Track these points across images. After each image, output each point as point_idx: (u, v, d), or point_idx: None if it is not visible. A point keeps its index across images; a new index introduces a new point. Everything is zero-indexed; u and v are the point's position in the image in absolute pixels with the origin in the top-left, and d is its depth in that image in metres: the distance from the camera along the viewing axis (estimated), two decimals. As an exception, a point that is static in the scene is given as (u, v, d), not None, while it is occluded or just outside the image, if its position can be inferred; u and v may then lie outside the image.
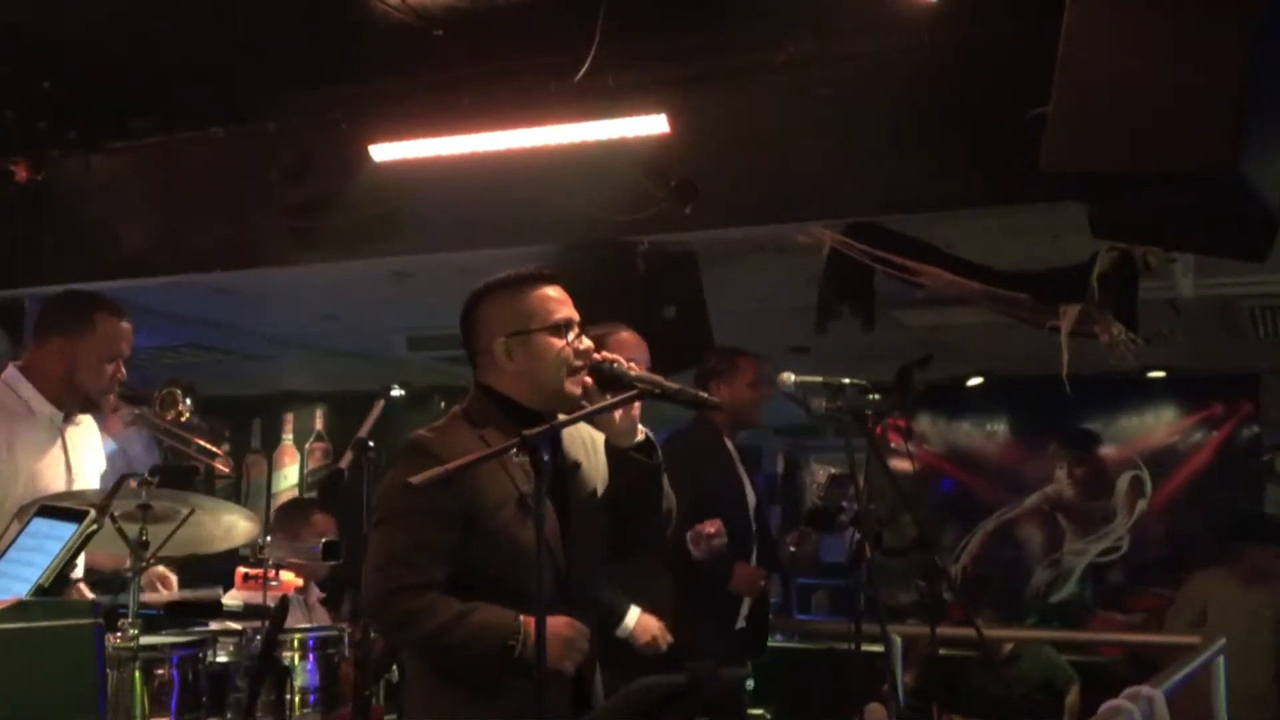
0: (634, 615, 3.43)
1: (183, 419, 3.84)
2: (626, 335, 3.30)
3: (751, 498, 3.96)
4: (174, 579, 3.41)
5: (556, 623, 2.14)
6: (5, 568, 2.46)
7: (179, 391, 3.87)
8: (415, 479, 2.05)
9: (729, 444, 3.95)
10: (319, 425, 8.20)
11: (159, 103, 4.63)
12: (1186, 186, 2.74)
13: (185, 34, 4.04)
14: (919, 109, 3.77)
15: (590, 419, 2.31)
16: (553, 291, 2.37)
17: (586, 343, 2.33)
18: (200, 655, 2.81)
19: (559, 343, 2.31)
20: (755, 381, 3.96)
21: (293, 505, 5.50)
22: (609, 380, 2.28)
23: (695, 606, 3.65)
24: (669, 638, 3.45)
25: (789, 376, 3.51)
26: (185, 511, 2.81)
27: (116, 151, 4.80)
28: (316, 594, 4.30)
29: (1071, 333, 3.88)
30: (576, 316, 2.35)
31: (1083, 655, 5.98)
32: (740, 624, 3.87)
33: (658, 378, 2.29)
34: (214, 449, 3.91)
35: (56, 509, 2.62)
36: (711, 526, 3.57)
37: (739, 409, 3.92)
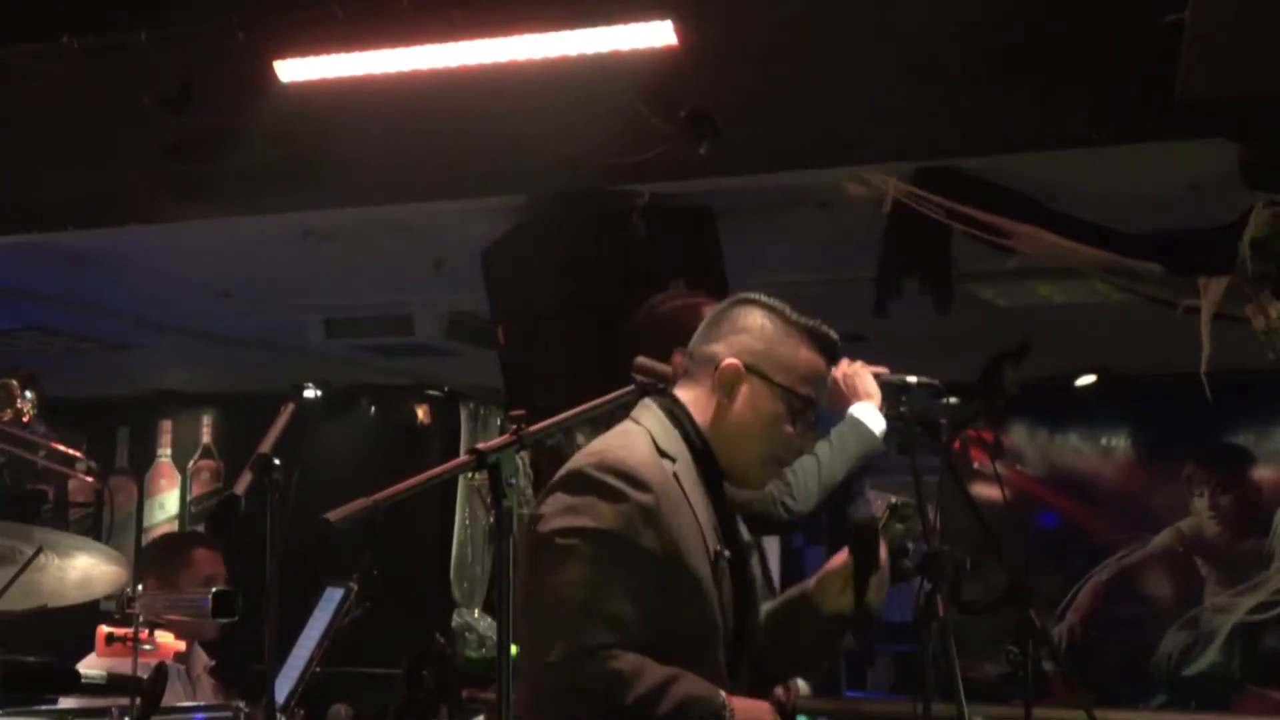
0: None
1: (24, 420, 3.85)
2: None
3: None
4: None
5: (758, 708, 2.38)
6: None
7: (15, 384, 3.88)
8: (333, 515, 2.07)
9: None
10: (207, 437, 8.21)
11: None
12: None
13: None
14: (1014, 16, 3.78)
15: (587, 416, 2.36)
16: (824, 370, 2.58)
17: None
18: (49, 744, 2.83)
19: (788, 420, 2.51)
20: None
21: (167, 541, 5.52)
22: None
23: None
24: None
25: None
26: (29, 552, 2.82)
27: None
28: (203, 661, 4.31)
29: (1216, 315, 3.89)
30: (821, 410, 2.57)
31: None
32: None
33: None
34: (73, 452, 3.93)
35: None
36: None
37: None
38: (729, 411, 2.50)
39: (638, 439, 2.48)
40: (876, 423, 3.36)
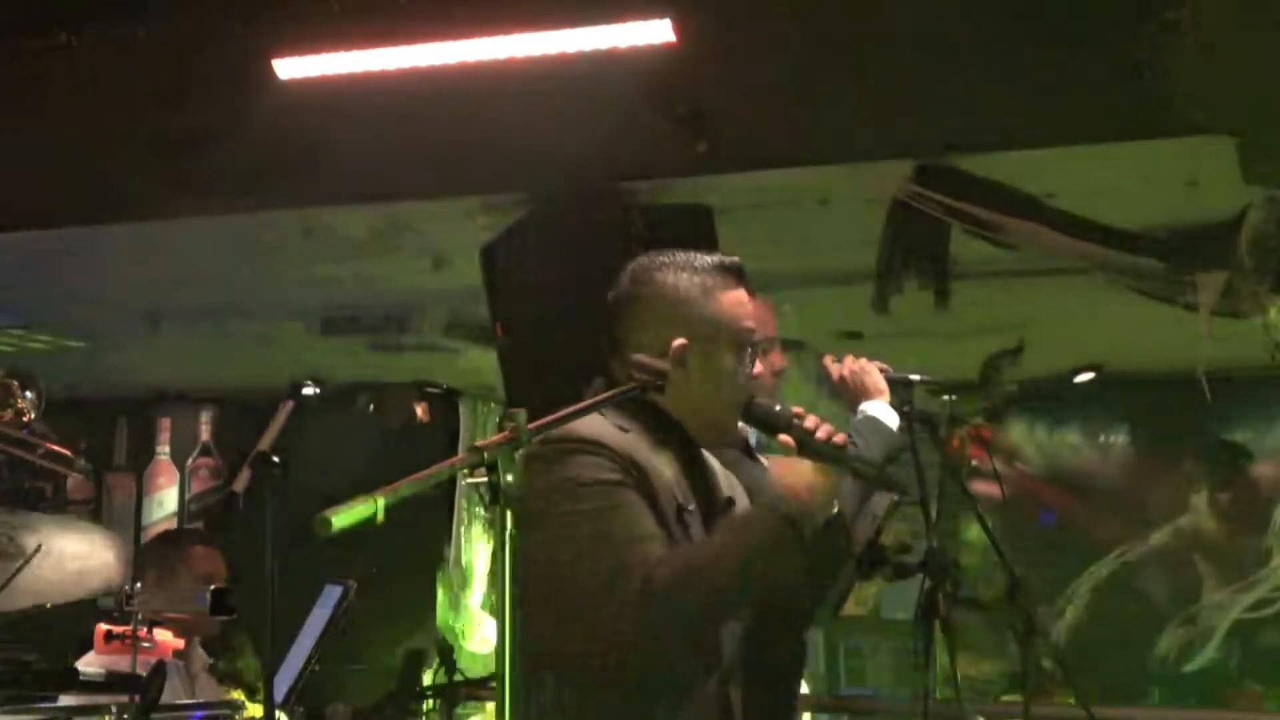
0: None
1: (25, 420, 3.85)
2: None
3: None
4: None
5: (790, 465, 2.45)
6: None
7: (15, 384, 3.88)
8: (331, 513, 2.06)
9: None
10: (205, 435, 8.20)
11: (-13, -1, 4.64)
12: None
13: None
14: (1013, 15, 3.78)
15: (585, 414, 2.36)
16: (744, 296, 2.62)
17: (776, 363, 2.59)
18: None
19: (742, 363, 2.55)
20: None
21: (165, 538, 5.49)
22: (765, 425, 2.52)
23: None
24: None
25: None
26: (27, 541, 2.82)
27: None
28: (202, 659, 4.31)
29: (1214, 311, 3.90)
30: (770, 332, 2.58)
31: (1227, 744, 6.02)
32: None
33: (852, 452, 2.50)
34: (67, 453, 3.93)
35: None
36: None
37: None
38: (688, 382, 2.52)
39: (587, 419, 2.47)
40: (892, 419, 3.36)
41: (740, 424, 2.62)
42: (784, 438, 2.50)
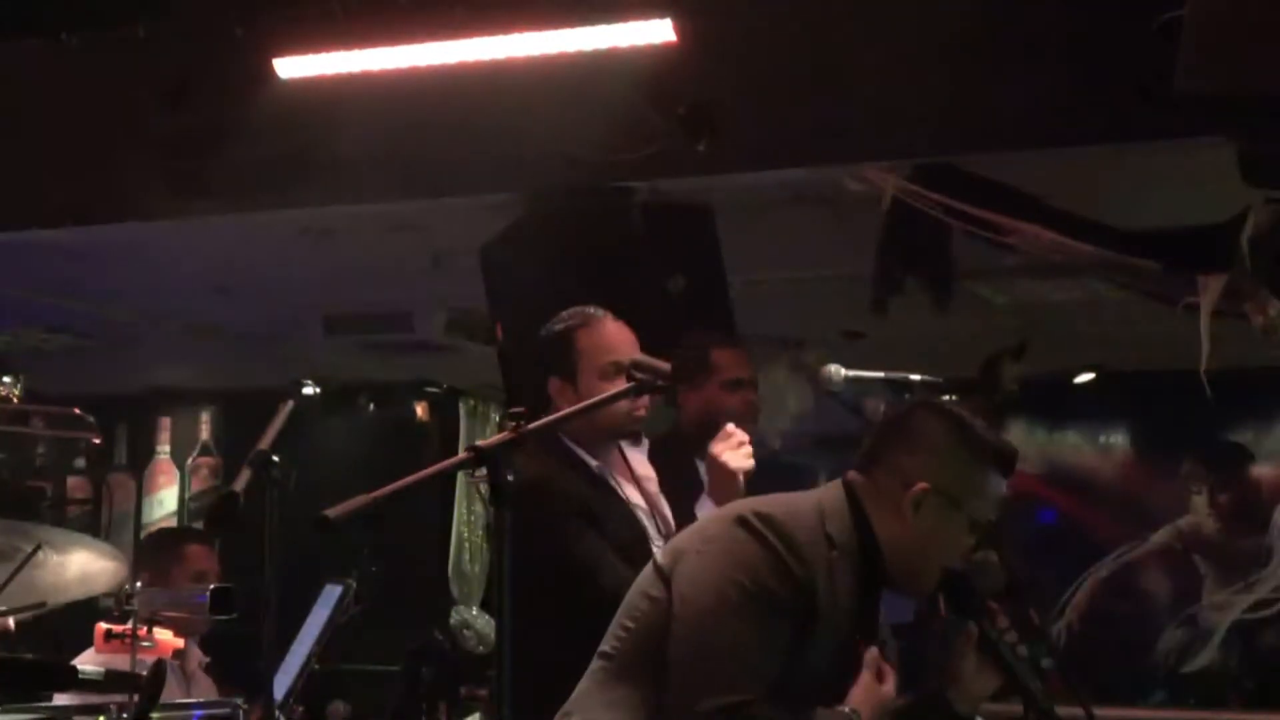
0: None
1: (13, 403, 3.84)
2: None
3: None
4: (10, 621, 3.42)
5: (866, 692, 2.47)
6: None
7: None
8: (332, 512, 2.07)
9: (701, 468, 3.94)
10: (205, 434, 8.20)
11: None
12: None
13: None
14: (1013, 15, 3.78)
15: (586, 413, 2.37)
16: (1004, 490, 2.61)
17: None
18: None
19: (966, 538, 2.57)
20: (734, 381, 3.93)
21: (160, 536, 5.49)
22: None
23: None
24: None
25: (837, 371, 3.51)
26: (28, 549, 2.82)
27: (-71, 64, 4.81)
28: (198, 657, 4.31)
29: (1214, 312, 3.89)
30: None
31: (1228, 745, 6.02)
32: None
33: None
34: (73, 411, 3.89)
35: None
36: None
37: (714, 418, 3.92)
38: (911, 528, 2.54)
39: (806, 509, 2.53)
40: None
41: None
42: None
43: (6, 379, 3.86)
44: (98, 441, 4.18)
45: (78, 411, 3.99)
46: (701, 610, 2.42)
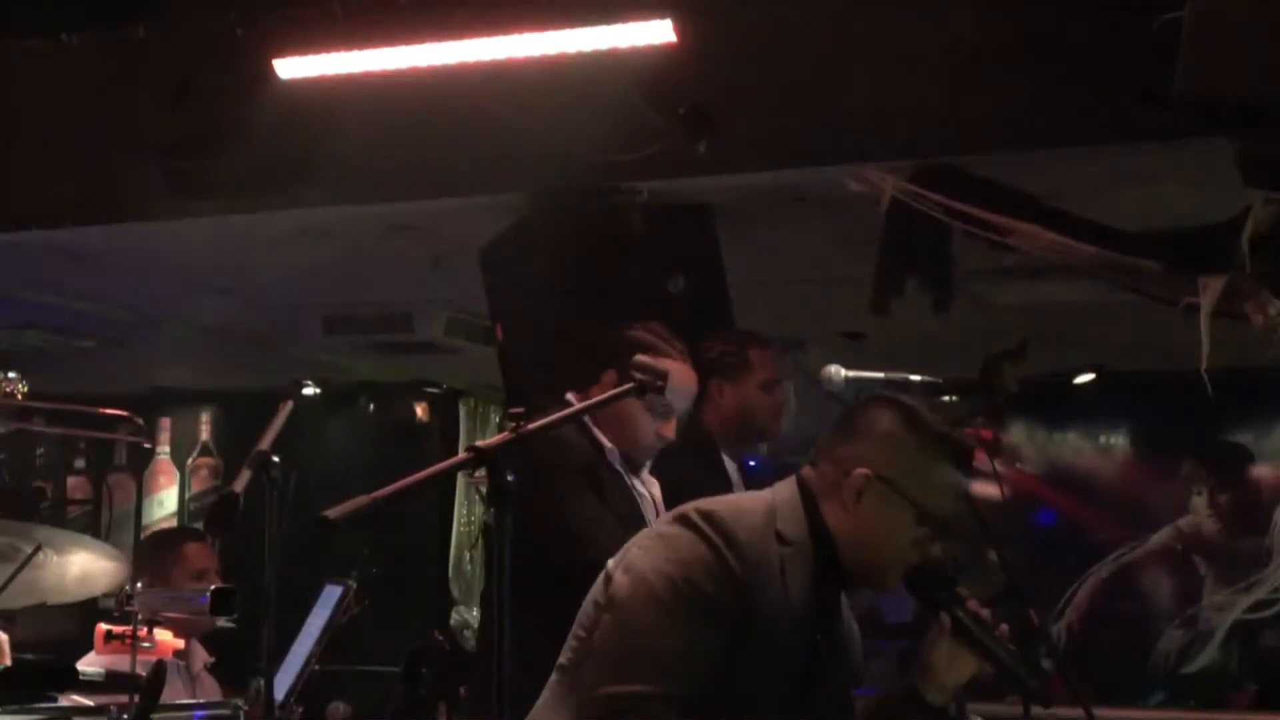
0: None
1: (18, 399, 3.85)
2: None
3: None
4: (4, 640, 3.43)
5: None
6: None
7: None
8: (332, 512, 2.07)
9: (729, 464, 3.95)
10: (205, 434, 8.21)
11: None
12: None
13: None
14: (1013, 14, 3.78)
15: (587, 413, 2.36)
16: (962, 485, 2.55)
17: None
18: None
19: (916, 528, 2.50)
20: (770, 382, 3.96)
21: (158, 537, 5.50)
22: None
23: None
24: None
25: (837, 372, 3.51)
26: (28, 550, 2.82)
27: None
28: (202, 658, 4.31)
29: (1215, 313, 3.89)
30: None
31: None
32: None
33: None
34: (121, 413, 3.86)
35: None
36: None
37: (748, 418, 3.93)
38: (854, 516, 2.50)
39: (755, 506, 2.50)
40: None
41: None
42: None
43: (12, 375, 3.87)
44: (148, 446, 4.18)
45: (125, 413, 4.00)
46: (627, 600, 2.39)
